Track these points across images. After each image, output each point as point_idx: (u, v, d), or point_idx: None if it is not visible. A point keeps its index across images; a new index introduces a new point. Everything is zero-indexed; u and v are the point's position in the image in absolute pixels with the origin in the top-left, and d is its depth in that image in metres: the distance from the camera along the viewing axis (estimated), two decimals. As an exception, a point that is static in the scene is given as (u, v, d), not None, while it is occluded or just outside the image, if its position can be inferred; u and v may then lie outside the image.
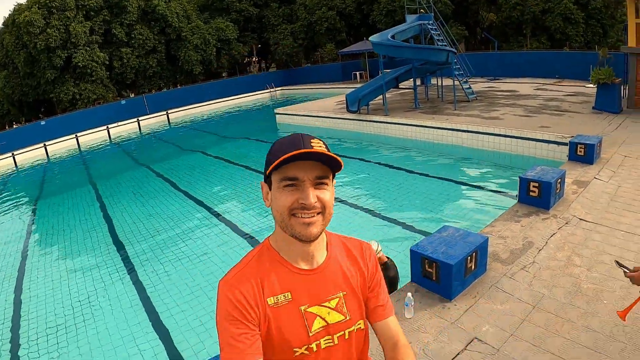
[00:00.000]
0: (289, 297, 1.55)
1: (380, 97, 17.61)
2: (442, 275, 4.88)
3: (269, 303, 1.51)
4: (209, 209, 11.51)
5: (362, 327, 1.77)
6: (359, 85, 21.56)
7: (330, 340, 1.63)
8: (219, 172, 15.46)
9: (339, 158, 1.50)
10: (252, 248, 6.81)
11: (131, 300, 7.61)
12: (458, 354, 4.28)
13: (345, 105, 18.57)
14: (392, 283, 5.42)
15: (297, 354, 1.56)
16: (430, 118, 15.36)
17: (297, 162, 1.46)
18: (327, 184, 1.56)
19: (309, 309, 1.58)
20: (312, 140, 1.52)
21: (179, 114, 30.20)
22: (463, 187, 11.26)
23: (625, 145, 10.47)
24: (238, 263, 1.60)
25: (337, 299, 1.65)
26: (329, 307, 1.63)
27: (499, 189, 10.56)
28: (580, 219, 6.91)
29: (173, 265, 8.66)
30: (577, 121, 13.10)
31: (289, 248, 1.58)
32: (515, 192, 7.87)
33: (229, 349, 1.43)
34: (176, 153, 19.72)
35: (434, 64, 17.43)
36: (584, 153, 9.23)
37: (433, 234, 5.48)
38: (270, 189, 1.55)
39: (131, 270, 8.68)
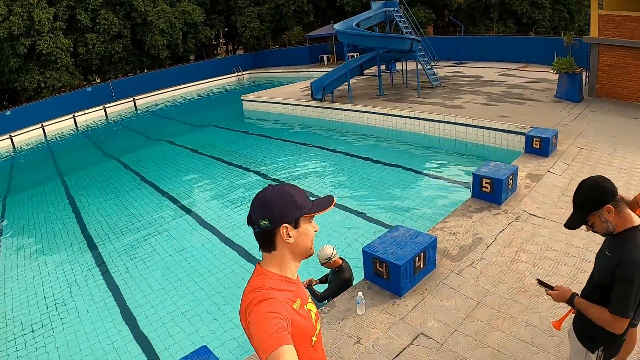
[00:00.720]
0: (299, 301, 2.00)
1: (345, 84, 17.79)
2: (391, 274, 5.17)
3: (295, 307, 1.95)
4: (176, 201, 11.56)
5: None
6: (326, 69, 21.65)
7: (319, 326, 2.18)
8: (187, 163, 15.43)
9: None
10: (219, 242, 8.04)
11: (104, 298, 7.67)
12: (405, 348, 4.57)
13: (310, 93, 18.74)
14: (346, 284, 5.71)
15: (313, 342, 2.06)
16: (394, 106, 15.63)
17: None
18: None
19: (307, 306, 2.07)
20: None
21: (145, 100, 29.84)
22: (424, 177, 11.57)
23: (581, 137, 10.91)
24: (256, 292, 1.91)
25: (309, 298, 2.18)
26: (311, 302, 2.15)
27: (458, 179, 10.90)
28: (530, 214, 7.28)
29: (143, 260, 8.74)
30: (538, 110, 13.53)
31: (288, 267, 2.03)
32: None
33: (278, 330, 1.73)
34: (144, 143, 19.55)
35: (398, 52, 17.69)
36: (540, 146, 9.63)
37: (385, 234, 5.75)
38: (295, 227, 1.96)
39: (102, 266, 8.73)
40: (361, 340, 4.68)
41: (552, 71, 14.88)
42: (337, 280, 5.72)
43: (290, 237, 1.95)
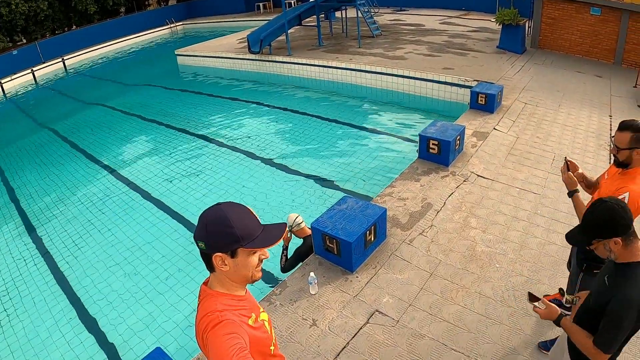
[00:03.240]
0: (253, 316, 2.02)
1: (283, 35, 17.39)
2: (343, 251, 5.16)
3: (250, 323, 1.97)
4: (114, 171, 11.06)
5: None
6: (263, 18, 21.03)
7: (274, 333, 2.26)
8: (123, 128, 14.64)
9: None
10: (162, 212, 8.04)
11: (50, 286, 7.31)
12: (361, 327, 4.61)
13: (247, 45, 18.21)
14: (308, 253, 5.67)
15: (272, 351, 2.14)
16: (334, 58, 15.43)
17: None
18: None
19: (260, 317, 2.10)
20: (256, 216, 1.98)
21: (75, 59, 27.90)
22: (369, 132, 11.58)
23: (526, 92, 11.16)
24: (210, 316, 1.88)
25: (260, 307, 2.22)
26: (263, 311, 2.19)
27: (403, 135, 11.01)
28: (478, 176, 7.42)
29: (85, 241, 8.34)
30: (481, 62, 13.72)
31: (233, 288, 2.01)
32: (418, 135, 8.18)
33: (237, 352, 1.73)
34: (77, 108, 18.28)
35: (337, 0, 17.37)
36: (485, 102, 9.78)
37: (332, 207, 5.70)
38: (232, 257, 1.89)
39: (44, 252, 8.27)
40: (317, 322, 4.68)
41: (496, 23, 15.01)
42: (298, 250, 5.68)
43: (226, 265, 1.91)
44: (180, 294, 6.59)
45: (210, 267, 1.95)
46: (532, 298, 3.09)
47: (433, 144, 7.61)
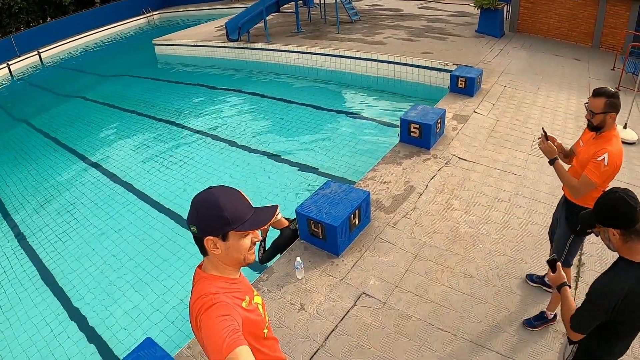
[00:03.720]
0: (247, 299, 2.06)
1: (262, 22, 17.28)
2: (328, 235, 5.20)
3: (243, 306, 1.99)
4: (96, 165, 10.88)
5: None
6: (241, 5, 20.83)
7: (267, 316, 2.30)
8: (102, 120, 14.38)
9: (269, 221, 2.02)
10: (144, 203, 7.91)
11: (34, 282, 7.21)
12: (349, 310, 4.67)
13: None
14: (286, 244, 5.68)
15: (266, 334, 2.18)
16: (314, 44, 15.39)
17: None
18: None
19: (254, 300, 2.14)
20: (247, 198, 2.01)
21: (51, 52, 27.29)
22: (350, 117, 11.61)
23: (505, 75, 11.28)
24: (203, 299, 1.90)
25: (254, 290, 2.26)
26: (257, 294, 2.23)
27: (384, 119, 11.05)
28: (460, 158, 7.51)
29: (69, 235, 8.24)
30: (460, 46, 13.80)
31: (227, 270, 2.04)
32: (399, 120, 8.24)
33: (230, 334, 1.75)
34: (55, 101, 17.92)
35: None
36: (465, 85, 9.86)
37: (316, 192, 5.73)
38: (224, 240, 1.92)
39: (28, 248, 8.15)
40: (304, 306, 4.73)
41: (474, 7, 15.08)
42: (275, 242, 5.67)
43: (218, 248, 1.94)
44: (166, 285, 6.58)
45: (204, 250, 1.98)
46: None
47: (414, 127, 7.67)
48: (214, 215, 1.88)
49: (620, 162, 3.52)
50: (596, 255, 5.22)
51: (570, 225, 3.92)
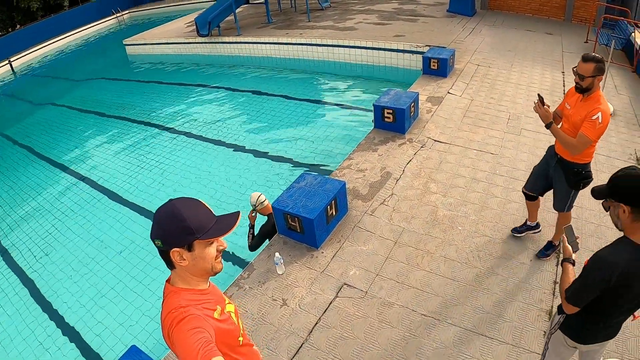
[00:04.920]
0: (219, 308, 2.05)
1: (232, 15, 17.14)
2: (305, 228, 5.21)
3: (215, 316, 2.00)
4: (74, 173, 10.71)
5: None
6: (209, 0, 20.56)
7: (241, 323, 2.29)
8: (77, 126, 14.11)
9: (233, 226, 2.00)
10: (125, 208, 8.00)
11: (21, 296, 7.12)
12: (331, 302, 4.69)
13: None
14: (274, 229, 5.73)
15: (241, 342, 2.17)
16: (285, 34, 15.29)
17: None
18: None
19: (226, 309, 2.13)
20: (208, 207, 2.01)
21: (23, 59, 26.82)
22: (325, 105, 11.64)
23: (478, 54, 11.33)
24: (174, 313, 1.91)
25: (225, 297, 2.26)
26: (229, 302, 2.22)
27: (357, 105, 11.07)
28: (435, 141, 7.54)
29: (51, 246, 8.14)
30: (432, 27, 13.83)
31: (195, 282, 2.04)
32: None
33: (203, 346, 1.76)
34: (28, 110, 17.55)
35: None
36: (437, 67, 9.89)
37: (292, 185, 5.73)
38: (189, 251, 1.92)
39: (10, 262, 8.04)
40: (287, 301, 4.73)
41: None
42: (263, 228, 5.74)
43: (185, 259, 1.94)
44: (151, 288, 6.56)
45: (170, 264, 1.98)
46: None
47: (388, 112, 7.68)
48: (177, 226, 1.89)
49: (609, 119, 3.87)
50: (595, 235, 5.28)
51: (569, 183, 4.31)
